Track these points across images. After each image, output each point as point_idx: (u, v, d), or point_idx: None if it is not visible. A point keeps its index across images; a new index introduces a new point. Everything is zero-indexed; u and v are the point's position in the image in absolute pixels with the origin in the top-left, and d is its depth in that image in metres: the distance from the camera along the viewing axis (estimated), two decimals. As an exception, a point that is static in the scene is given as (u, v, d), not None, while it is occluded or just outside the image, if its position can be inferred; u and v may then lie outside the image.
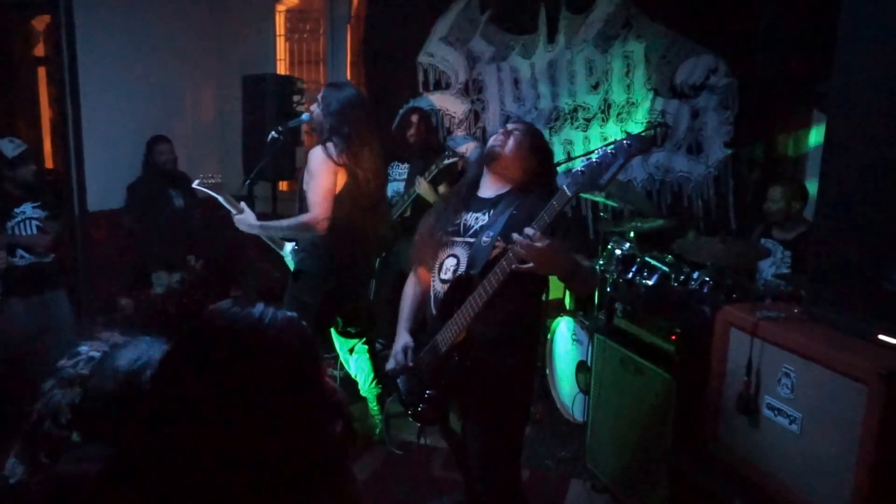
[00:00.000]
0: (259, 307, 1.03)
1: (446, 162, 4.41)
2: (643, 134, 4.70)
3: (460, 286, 2.38)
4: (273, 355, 0.99)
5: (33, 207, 4.20)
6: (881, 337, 2.14)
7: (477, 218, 2.48)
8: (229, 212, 3.46)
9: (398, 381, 2.68)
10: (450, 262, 2.48)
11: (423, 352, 2.54)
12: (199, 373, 0.97)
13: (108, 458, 1.01)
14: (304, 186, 3.38)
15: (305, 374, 1.03)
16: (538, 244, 2.11)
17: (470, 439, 2.56)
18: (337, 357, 4.02)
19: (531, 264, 2.17)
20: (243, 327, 1.00)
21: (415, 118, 4.84)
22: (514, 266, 2.19)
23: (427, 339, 2.52)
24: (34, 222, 4.21)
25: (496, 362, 2.42)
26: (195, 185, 3.45)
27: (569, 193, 2.15)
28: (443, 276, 2.49)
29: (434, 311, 2.51)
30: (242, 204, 3.46)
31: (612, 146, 2.15)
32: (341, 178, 3.32)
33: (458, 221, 2.52)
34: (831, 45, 2.35)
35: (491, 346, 2.41)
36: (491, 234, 2.38)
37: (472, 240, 2.44)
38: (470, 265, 2.40)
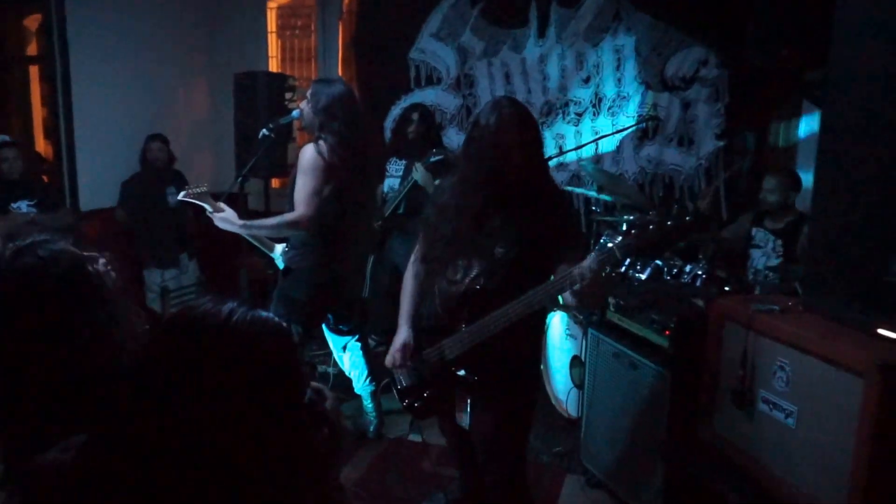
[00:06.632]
0: (229, 305, 1.00)
1: (436, 158, 4.38)
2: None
3: (476, 298, 2.34)
4: (240, 353, 0.97)
5: (28, 205, 4.18)
6: (880, 331, 2.12)
7: (487, 216, 2.37)
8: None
9: (396, 374, 2.64)
10: (460, 264, 2.40)
11: (426, 352, 2.49)
12: (166, 367, 0.96)
13: (82, 445, 1.01)
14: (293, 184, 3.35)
15: (277, 375, 1.00)
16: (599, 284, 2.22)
17: (477, 431, 2.52)
18: (331, 354, 4.01)
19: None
20: (209, 324, 0.98)
21: (416, 115, 4.78)
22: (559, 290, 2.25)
23: (431, 339, 2.46)
24: None
25: (506, 361, 2.38)
26: (181, 196, 3.46)
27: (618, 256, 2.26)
28: (451, 277, 2.41)
29: (439, 309, 2.44)
30: (221, 203, 3.42)
31: (657, 231, 2.21)
32: (331, 176, 3.29)
33: (466, 219, 2.39)
34: (820, 34, 2.34)
35: (501, 345, 2.34)
36: (505, 246, 2.32)
37: (483, 243, 2.35)
38: (487, 277, 2.34)
